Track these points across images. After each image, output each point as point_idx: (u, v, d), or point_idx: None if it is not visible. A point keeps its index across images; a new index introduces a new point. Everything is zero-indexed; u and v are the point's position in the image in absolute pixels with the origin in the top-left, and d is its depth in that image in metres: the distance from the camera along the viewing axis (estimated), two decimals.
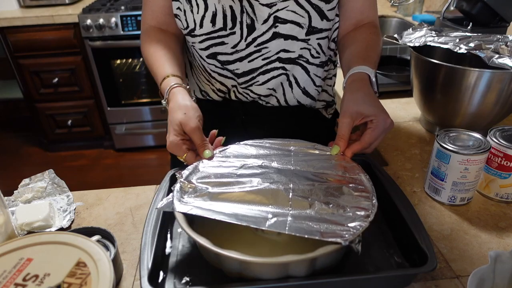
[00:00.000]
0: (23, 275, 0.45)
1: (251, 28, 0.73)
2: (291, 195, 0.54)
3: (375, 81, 0.69)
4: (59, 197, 0.73)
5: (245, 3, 0.71)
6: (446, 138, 0.67)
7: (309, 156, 0.64)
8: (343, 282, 0.49)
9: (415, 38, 0.88)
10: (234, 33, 0.74)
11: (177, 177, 0.59)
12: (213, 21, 0.73)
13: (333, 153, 0.64)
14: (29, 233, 0.64)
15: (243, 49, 0.76)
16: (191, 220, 0.53)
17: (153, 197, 0.61)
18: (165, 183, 0.65)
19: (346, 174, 0.59)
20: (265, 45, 0.75)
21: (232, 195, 0.55)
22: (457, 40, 0.82)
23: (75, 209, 0.72)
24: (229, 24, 0.73)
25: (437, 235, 0.63)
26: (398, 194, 0.61)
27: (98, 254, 0.47)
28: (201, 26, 0.74)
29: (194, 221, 0.54)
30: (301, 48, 0.77)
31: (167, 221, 0.62)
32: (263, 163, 0.62)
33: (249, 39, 0.74)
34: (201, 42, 0.77)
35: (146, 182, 0.79)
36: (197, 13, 0.73)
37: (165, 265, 0.56)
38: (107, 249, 0.58)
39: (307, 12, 0.72)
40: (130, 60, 2.47)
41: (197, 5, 0.72)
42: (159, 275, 0.54)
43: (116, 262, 0.56)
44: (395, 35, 0.92)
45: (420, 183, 0.76)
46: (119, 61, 2.42)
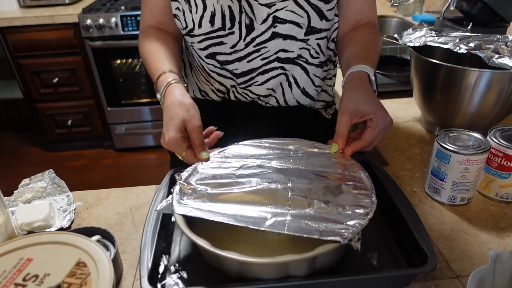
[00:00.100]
0: (23, 275, 0.45)
1: (250, 28, 0.73)
2: (290, 195, 0.54)
3: (374, 80, 0.69)
4: (59, 197, 0.74)
5: (243, 3, 0.71)
6: (446, 138, 0.67)
7: (308, 154, 0.64)
8: (343, 282, 0.49)
9: (415, 38, 0.88)
10: (233, 33, 0.74)
11: (176, 179, 0.59)
12: (211, 21, 0.73)
13: (332, 151, 0.64)
14: (29, 233, 0.64)
15: (242, 49, 0.76)
16: (191, 221, 0.53)
17: (153, 197, 0.61)
18: (165, 183, 0.65)
19: (345, 172, 0.59)
20: (264, 45, 0.75)
21: (231, 196, 0.55)
22: (457, 40, 0.82)
23: (75, 209, 0.72)
24: (228, 24, 0.73)
25: (437, 235, 0.63)
26: (398, 194, 0.61)
27: (98, 254, 0.47)
28: (199, 26, 0.74)
29: (194, 222, 0.54)
30: (300, 48, 0.77)
31: (167, 221, 0.62)
32: (262, 162, 0.62)
33: (248, 39, 0.74)
34: (200, 42, 0.77)
35: (146, 182, 0.79)
36: (196, 13, 0.73)
37: (165, 265, 0.56)
38: (107, 249, 0.58)
39: (306, 12, 0.72)
40: (130, 60, 2.47)
41: (195, 5, 0.72)
42: (159, 275, 0.54)
43: (116, 262, 0.56)
44: (395, 35, 0.92)
45: (420, 183, 0.76)
46: (119, 61, 2.42)
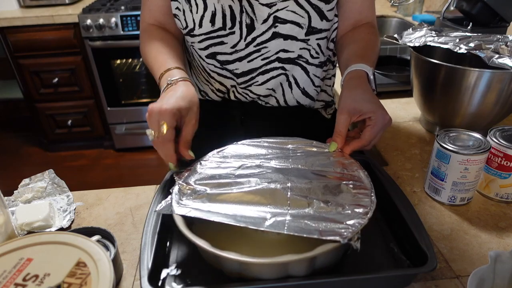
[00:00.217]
0: (23, 275, 0.45)
1: (251, 28, 0.73)
2: (289, 194, 0.54)
3: (373, 79, 0.69)
4: (59, 197, 0.73)
5: (244, 2, 0.71)
6: (446, 138, 0.67)
7: (307, 154, 0.64)
8: (343, 282, 0.49)
9: (415, 38, 0.88)
10: (234, 33, 0.74)
11: (175, 179, 0.59)
12: (212, 20, 0.73)
13: (331, 150, 0.64)
14: (29, 233, 0.64)
15: (242, 49, 0.76)
16: (190, 221, 0.53)
17: (153, 197, 0.61)
18: (165, 183, 0.65)
19: (344, 171, 0.59)
20: (264, 45, 0.75)
21: (231, 196, 0.55)
22: (457, 40, 0.82)
23: (75, 209, 0.72)
24: (229, 24, 0.73)
25: (437, 235, 0.63)
26: (398, 194, 0.61)
27: (98, 254, 0.47)
28: (200, 26, 0.74)
29: (194, 222, 0.54)
30: (300, 48, 0.77)
31: (167, 221, 0.62)
32: (261, 162, 0.62)
33: (249, 39, 0.74)
34: (200, 42, 0.76)
35: (146, 182, 0.79)
36: (196, 12, 0.73)
37: (165, 265, 0.56)
38: (107, 249, 0.58)
39: (307, 12, 0.72)
40: (130, 60, 2.47)
41: (196, 4, 0.72)
42: (159, 275, 0.54)
43: (116, 262, 0.56)
44: (395, 35, 0.92)
45: (420, 183, 0.76)
46: (119, 61, 2.42)
